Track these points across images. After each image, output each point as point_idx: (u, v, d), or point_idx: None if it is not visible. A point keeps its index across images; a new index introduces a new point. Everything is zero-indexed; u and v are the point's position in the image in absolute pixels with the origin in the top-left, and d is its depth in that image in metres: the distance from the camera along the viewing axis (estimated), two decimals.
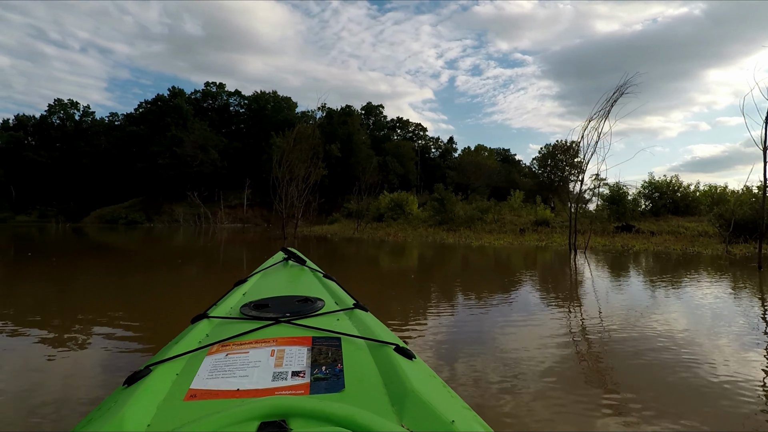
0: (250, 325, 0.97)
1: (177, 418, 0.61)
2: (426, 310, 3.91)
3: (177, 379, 0.75)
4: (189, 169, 48.03)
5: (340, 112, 57.28)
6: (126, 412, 0.61)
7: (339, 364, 0.78)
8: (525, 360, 2.46)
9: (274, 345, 0.86)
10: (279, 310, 1.10)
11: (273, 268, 1.84)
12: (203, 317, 1.09)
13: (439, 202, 21.35)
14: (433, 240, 15.03)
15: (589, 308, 3.97)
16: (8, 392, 1.99)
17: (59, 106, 59.62)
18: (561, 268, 7.25)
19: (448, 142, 73.53)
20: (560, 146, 62.36)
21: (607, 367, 2.42)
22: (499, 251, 10.60)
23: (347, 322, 1.06)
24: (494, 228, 19.04)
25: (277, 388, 0.70)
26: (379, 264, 8.32)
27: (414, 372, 0.77)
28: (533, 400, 1.92)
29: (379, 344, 0.89)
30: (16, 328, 3.11)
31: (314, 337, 0.90)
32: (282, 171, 14.71)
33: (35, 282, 5.42)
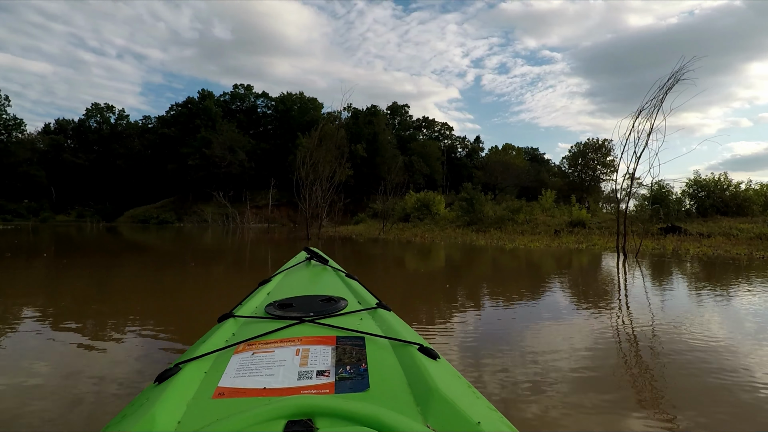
0: (275, 325, 0.97)
1: (206, 415, 0.62)
2: (465, 324, 3.22)
3: (205, 377, 0.76)
4: (217, 169, 48.61)
5: (365, 112, 56.89)
6: (157, 411, 0.61)
7: (363, 364, 0.78)
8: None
9: (299, 344, 0.86)
10: (303, 309, 1.09)
11: (296, 267, 1.84)
12: (229, 316, 1.09)
13: (468, 201, 20.47)
14: (462, 242, 14.23)
15: (674, 333, 3.17)
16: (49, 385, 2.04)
17: (96, 109, 61.55)
18: (613, 276, 6.39)
19: (474, 142, 72.11)
20: (592, 144, 60.25)
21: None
22: (536, 255, 9.74)
23: (371, 322, 1.04)
24: (526, 229, 18.05)
25: (303, 387, 0.70)
26: (406, 268, 7.65)
27: (438, 372, 0.76)
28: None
29: (402, 344, 0.87)
30: (59, 323, 3.24)
31: (338, 336, 0.89)
32: (306, 169, 14.23)
33: (72, 279, 5.67)
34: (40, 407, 1.79)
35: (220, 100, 58.84)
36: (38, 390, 1.97)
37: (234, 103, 60.36)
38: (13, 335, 2.92)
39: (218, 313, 1.16)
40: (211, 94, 57.02)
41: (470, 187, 21.11)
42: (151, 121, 62.75)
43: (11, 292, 4.59)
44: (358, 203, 48.42)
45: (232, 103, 60.23)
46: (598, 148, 59.53)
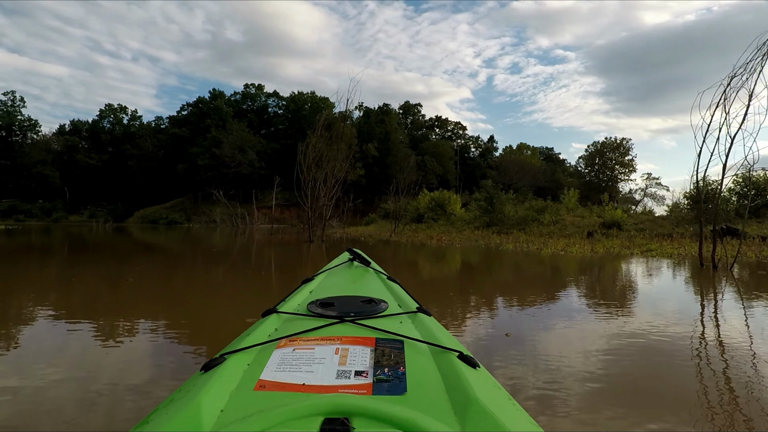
0: (316, 322, 0.97)
1: (247, 406, 0.63)
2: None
3: (248, 369, 0.76)
4: (227, 169, 47.26)
5: (377, 111, 55.07)
6: (202, 398, 0.63)
7: (401, 367, 0.76)
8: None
9: (338, 343, 0.85)
10: (344, 309, 1.07)
11: (338, 267, 1.82)
12: (273, 312, 1.10)
13: (488, 201, 18.46)
14: (485, 245, 12.26)
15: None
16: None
17: (109, 110, 60.86)
18: (731, 302, 4.40)
19: (488, 141, 69.78)
20: (609, 144, 57.63)
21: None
22: (584, 263, 7.75)
23: (410, 326, 1.02)
24: (553, 231, 15.98)
25: (341, 386, 0.69)
26: (423, 282, 5.73)
27: (478, 381, 0.73)
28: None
29: (442, 350, 0.85)
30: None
31: (377, 338, 0.88)
32: (307, 163, 12.41)
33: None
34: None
35: (231, 99, 57.60)
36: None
37: (245, 102, 59.06)
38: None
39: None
40: (222, 93, 55.81)
41: (490, 185, 19.07)
42: (164, 122, 61.86)
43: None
44: (369, 203, 46.63)
45: (243, 102, 58.94)
46: (616, 147, 56.97)
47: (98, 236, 18.70)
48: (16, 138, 56.76)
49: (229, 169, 47.07)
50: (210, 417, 0.60)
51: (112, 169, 57.22)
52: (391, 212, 22.26)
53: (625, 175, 58.03)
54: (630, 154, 57.23)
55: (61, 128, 62.30)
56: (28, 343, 2.65)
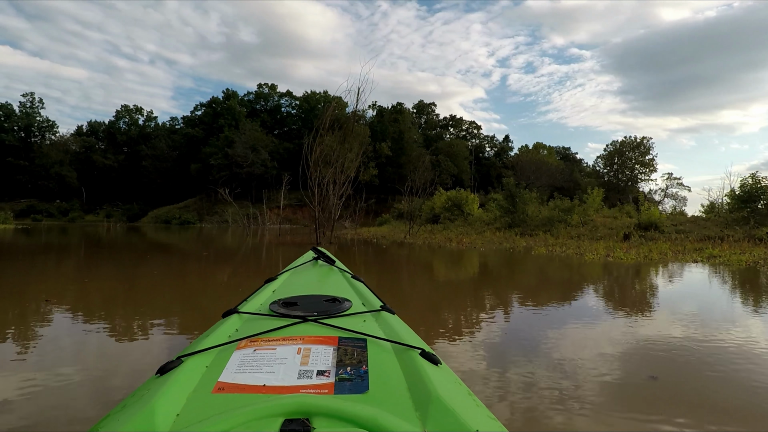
0: (278, 322, 0.95)
1: (205, 409, 0.61)
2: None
3: (206, 371, 0.74)
4: (240, 169, 46.50)
5: (390, 110, 53.78)
6: (157, 402, 0.61)
7: (364, 366, 0.75)
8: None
9: (300, 343, 0.84)
10: (307, 308, 1.05)
11: (302, 266, 1.77)
12: (234, 312, 1.07)
13: (509, 200, 17.01)
14: (511, 248, 10.88)
15: None
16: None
17: (125, 111, 60.82)
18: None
19: (503, 141, 67.84)
20: (629, 143, 55.44)
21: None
22: (649, 274, 6.35)
23: (374, 324, 1.01)
24: (583, 233, 14.48)
25: (302, 386, 0.68)
26: (453, 297, 4.44)
27: (439, 378, 0.73)
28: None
29: (404, 348, 0.85)
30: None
31: (340, 337, 0.87)
32: (314, 157, 11.16)
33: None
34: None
35: (244, 99, 56.97)
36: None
37: (258, 102, 58.37)
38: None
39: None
40: (235, 93, 55.20)
41: (513, 183, 17.60)
42: (178, 122, 61.60)
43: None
44: (383, 203, 45.36)
45: (256, 102, 58.25)
46: (636, 146, 54.76)
47: (103, 236, 17.82)
48: (35, 139, 57.03)
49: (242, 169, 46.29)
50: (165, 421, 0.57)
51: (127, 170, 57.11)
52: (406, 212, 20.95)
53: (646, 175, 55.74)
54: (650, 153, 54.98)
55: (78, 129, 62.55)
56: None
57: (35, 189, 54.85)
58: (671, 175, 54.86)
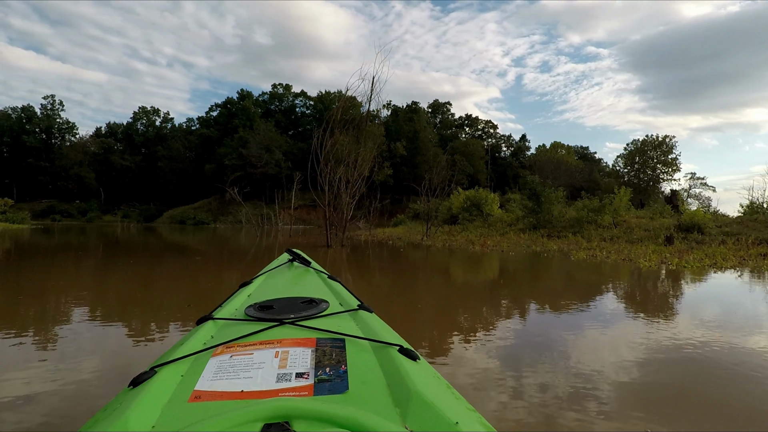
0: (254, 327, 0.93)
1: (181, 419, 0.59)
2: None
3: (182, 380, 0.72)
4: (254, 169, 45.96)
5: (405, 110, 52.68)
6: (130, 414, 0.59)
7: (343, 366, 0.75)
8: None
9: (278, 346, 0.82)
10: (284, 311, 1.04)
11: (278, 269, 1.74)
12: (208, 319, 1.04)
13: (534, 199, 15.77)
14: (544, 252, 9.72)
15: None
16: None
17: (143, 112, 61.01)
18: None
19: (520, 140, 66.06)
20: (651, 142, 53.33)
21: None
22: (747, 289, 5.16)
23: (351, 324, 1.00)
24: (617, 234, 13.18)
25: (281, 389, 0.67)
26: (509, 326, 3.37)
27: (418, 373, 0.73)
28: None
29: (383, 345, 0.84)
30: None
31: (318, 338, 0.86)
32: (325, 151, 10.14)
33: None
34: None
35: (258, 100, 56.52)
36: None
37: (273, 102, 57.87)
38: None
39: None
40: (250, 94, 54.78)
41: (537, 181, 16.33)
42: (194, 123, 61.52)
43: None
44: (397, 204, 44.28)
45: (270, 103, 57.77)
46: (658, 145, 52.61)
47: (111, 236, 17.17)
48: (55, 140, 57.57)
49: (256, 170, 45.74)
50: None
51: (144, 170, 57.24)
52: (422, 213, 19.85)
53: (668, 175, 53.52)
54: (673, 152, 52.77)
55: (97, 131, 63.00)
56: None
57: (55, 189, 55.34)
58: (694, 175, 52.55)
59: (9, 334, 2.79)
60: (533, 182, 16.00)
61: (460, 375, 2.11)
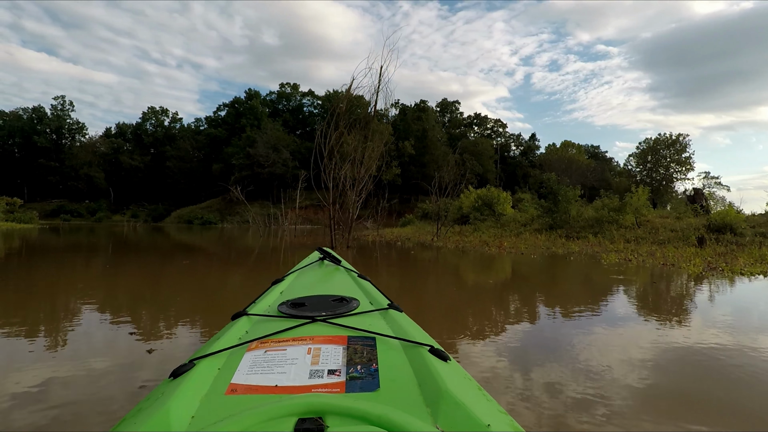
0: (287, 323, 0.95)
1: (219, 411, 0.61)
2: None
3: (219, 373, 0.74)
4: (261, 169, 45.44)
5: (414, 108, 51.84)
6: (172, 405, 0.61)
7: (374, 364, 0.75)
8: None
9: (310, 343, 0.83)
10: (315, 309, 1.05)
11: (309, 267, 1.75)
12: (243, 314, 1.06)
13: (551, 198, 14.87)
14: (568, 255, 8.87)
15: None
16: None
17: (152, 113, 60.89)
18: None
19: (530, 139, 64.88)
20: (664, 140, 51.92)
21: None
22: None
23: (382, 322, 1.00)
24: (642, 235, 12.25)
25: (314, 385, 0.68)
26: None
27: (449, 374, 0.72)
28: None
29: (413, 345, 0.83)
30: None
31: (349, 336, 0.86)
32: (330, 144, 9.36)
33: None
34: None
35: (266, 99, 56.05)
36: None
37: (280, 102, 57.37)
38: None
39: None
40: (258, 93, 54.36)
41: (554, 179, 15.42)
42: (202, 123, 61.26)
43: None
44: (406, 203, 43.46)
45: (278, 102, 57.27)
46: (671, 143, 51.17)
47: (114, 236, 16.61)
48: (65, 141, 57.64)
49: (263, 169, 45.21)
50: (180, 424, 0.57)
51: (153, 170, 57.08)
52: (432, 213, 19.01)
53: (682, 174, 52.03)
54: (687, 151, 51.29)
55: (107, 131, 63.03)
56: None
57: (66, 189, 55.41)
58: (708, 174, 51.02)
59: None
60: (549, 180, 15.08)
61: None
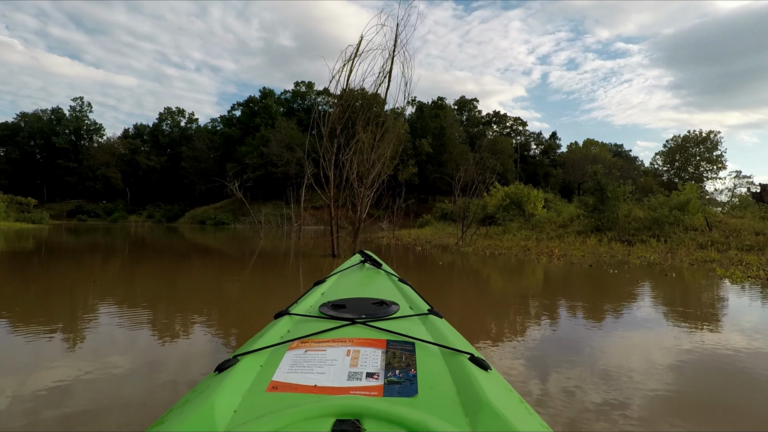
0: (327, 324, 0.94)
1: (260, 407, 0.61)
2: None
3: (261, 370, 0.75)
4: (275, 168, 43.70)
5: (431, 106, 49.42)
6: (216, 399, 0.62)
7: (412, 369, 0.73)
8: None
9: (350, 345, 0.82)
10: (355, 311, 1.04)
11: (350, 269, 1.75)
12: (285, 314, 1.06)
13: (597, 195, 12.38)
14: (649, 264, 6.51)
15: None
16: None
17: (168, 113, 59.97)
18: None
19: (550, 138, 61.69)
20: (693, 138, 48.35)
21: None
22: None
23: (421, 328, 0.97)
24: (719, 239, 9.72)
25: (352, 387, 0.67)
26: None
27: (489, 383, 0.69)
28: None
29: (453, 352, 0.80)
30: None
31: (389, 340, 0.84)
32: (334, 117, 7.16)
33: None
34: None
35: (281, 98, 54.37)
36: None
37: (295, 101, 55.62)
38: None
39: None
40: (272, 92, 52.74)
41: (602, 172, 12.90)
42: (218, 123, 60.03)
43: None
44: (423, 204, 41.11)
45: (293, 101, 55.53)
46: (702, 141, 47.54)
47: (119, 236, 14.81)
48: (84, 141, 57.11)
49: (277, 168, 43.44)
50: (223, 417, 0.58)
51: (169, 171, 56.07)
52: (457, 213, 16.69)
53: (713, 173, 48.25)
54: (718, 148, 47.58)
55: (125, 132, 62.40)
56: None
57: (84, 190, 54.81)
58: (739, 173, 47.18)
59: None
60: (597, 173, 12.57)
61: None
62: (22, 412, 1.55)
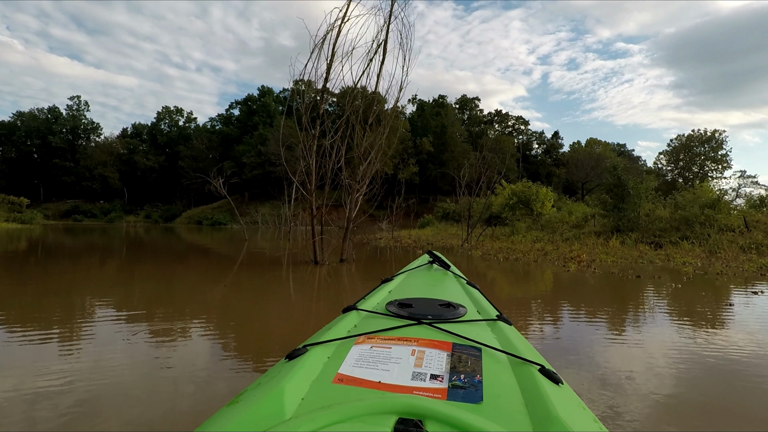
0: (394, 322, 0.94)
1: (325, 397, 0.62)
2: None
3: (328, 362, 0.75)
4: (273, 167, 42.43)
5: (432, 104, 48.10)
6: (286, 385, 0.63)
7: (478, 375, 0.70)
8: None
9: (415, 345, 0.80)
10: (422, 311, 1.01)
11: (418, 269, 1.70)
12: (353, 309, 1.07)
13: (617, 191, 11.06)
14: (702, 273, 5.21)
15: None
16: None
17: (166, 112, 58.73)
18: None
19: (552, 137, 60.29)
20: (697, 137, 46.93)
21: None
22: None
23: (489, 333, 0.94)
24: (761, 241, 8.39)
25: (416, 387, 0.66)
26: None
27: (560, 398, 0.65)
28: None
29: (522, 361, 0.77)
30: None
31: (455, 343, 0.82)
32: (306, 112, 5.88)
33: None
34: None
35: (279, 97, 53.07)
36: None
37: (294, 100, 54.34)
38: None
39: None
40: (271, 90, 51.47)
41: (622, 167, 11.56)
42: (217, 122, 58.77)
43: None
44: (424, 203, 39.82)
45: (292, 99, 54.23)
46: (706, 140, 46.15)
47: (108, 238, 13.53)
48: (80, 141, 55.90)
49: (275, 167, 42.19)
50: (292, 404, 0.60)
51: (167, 170, 54.81)
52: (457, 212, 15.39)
53: (718, 173, 46.84)
54: (723, 148, 46.18)
55: (123, 131, 61.17)
56: None
57: (81, 190, 53.59)
58: (744, 173, 45.72)
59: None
60: (616, 168, 11.24)
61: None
62: (22, 412, 1.52)
